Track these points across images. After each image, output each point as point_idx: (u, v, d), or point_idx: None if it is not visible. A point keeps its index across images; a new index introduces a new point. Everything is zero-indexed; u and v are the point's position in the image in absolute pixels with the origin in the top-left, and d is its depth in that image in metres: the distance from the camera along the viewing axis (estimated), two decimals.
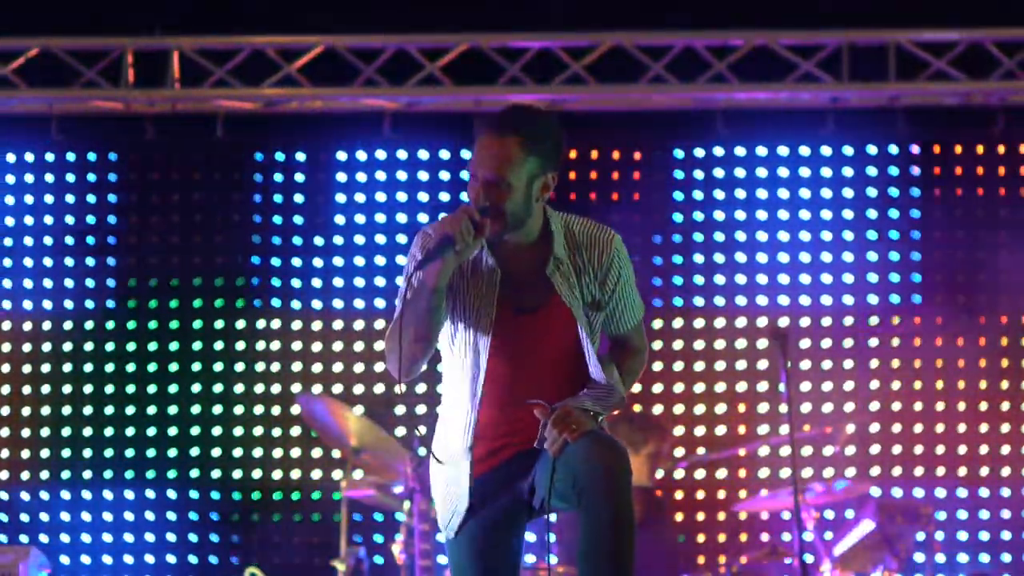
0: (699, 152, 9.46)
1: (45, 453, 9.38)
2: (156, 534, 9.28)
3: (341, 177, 9.50)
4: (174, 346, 9.43)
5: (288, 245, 9.46)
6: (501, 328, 4.29)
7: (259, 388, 9.39)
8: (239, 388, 9.39)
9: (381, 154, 9.50)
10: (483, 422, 4.34)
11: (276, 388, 9.37)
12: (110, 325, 9.43)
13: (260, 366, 9.40)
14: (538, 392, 4.29)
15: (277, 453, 9.35)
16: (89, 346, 9.42)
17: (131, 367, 9.40)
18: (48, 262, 9.46)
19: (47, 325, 9.44)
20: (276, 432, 9.36)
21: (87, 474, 9.35)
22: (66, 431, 9.37)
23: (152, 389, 9.39)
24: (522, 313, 4.30)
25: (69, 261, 9.45)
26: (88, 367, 9.41)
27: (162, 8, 9.28)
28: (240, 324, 9.43)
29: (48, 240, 9.48)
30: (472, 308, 4.30)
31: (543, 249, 4.33)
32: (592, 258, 4.35)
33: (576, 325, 4.32)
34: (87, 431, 9.37)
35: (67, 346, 9.43)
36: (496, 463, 4.36)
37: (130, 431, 9.37)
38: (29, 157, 9.51)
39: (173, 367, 9.40)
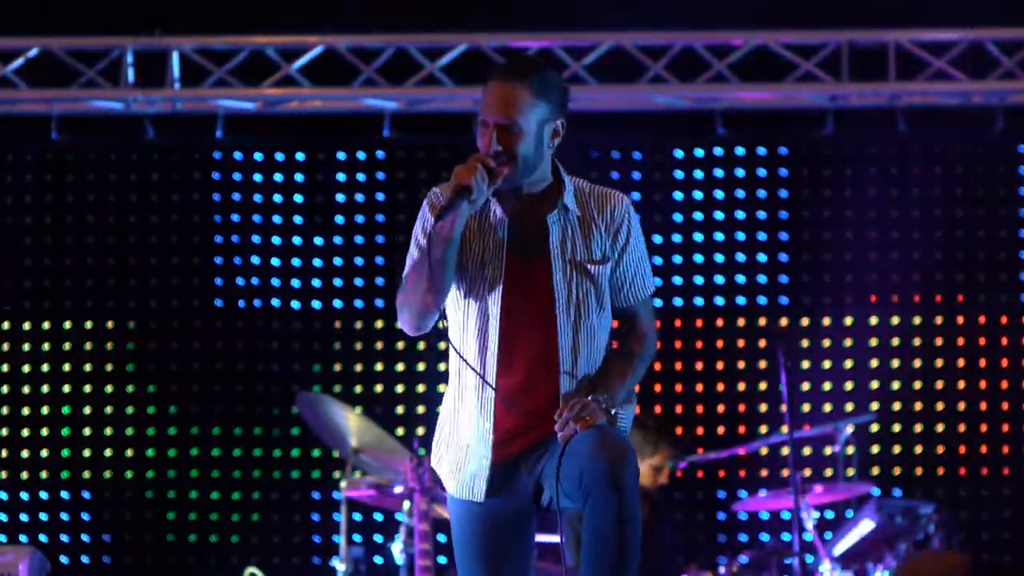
0: (699, 152, 9.47)
1: (44, 453, 9.38)
2: (155, 534, 9.28)
3: (341, 177, 9.51)
4: (173, 345, 9.43)
5: (288, 245, 9.46)
6: (511, 279, 4.29)
7: (259, 388, 9.39)
8: (239, 387, 9.39)
9: (381, 154, 9.50)
10: (500, 377, 4.29)
11: (275, 388, 9.37)
12: (109, 325, 9.43)
13: (260, 366, 9.40)
14: (552, 349, 4.28)
15: (277, 453, 9.35)
16: (88, 346, 9.42)
17: (130, 367, 9.41)
18: (47, 262, 9.46)
19: (46, 325, 9.44)
20: (276, 432, 9.36)
21: (86, 474, 9.35)
22: (65, 431, 9.37)
23: (151, 389, 9.39)
24: (523, 261, 4.30)
25: (68, 261, 9.45)
26: (87, 367, 9.41)
27: (162, 8, 9.28)
28: (240, 323, 9.43)
29: (48, 240, 9.48)
30: (481, 259, 4.31)
31: (552, 200, 4.35)
32: (604, 212, 4.37)
33: (567, 279, 4.31)
34: (86, 431, 9.37)
35: (66, 346, 9.43)
36: (507, 455, 4.34)
37: (129, 431, 9.37)
38: (29, 157, 9.51)
39: (172, 367, 9.40)
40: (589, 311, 4.33)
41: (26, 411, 9.41)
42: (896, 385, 9.31)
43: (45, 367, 9.43)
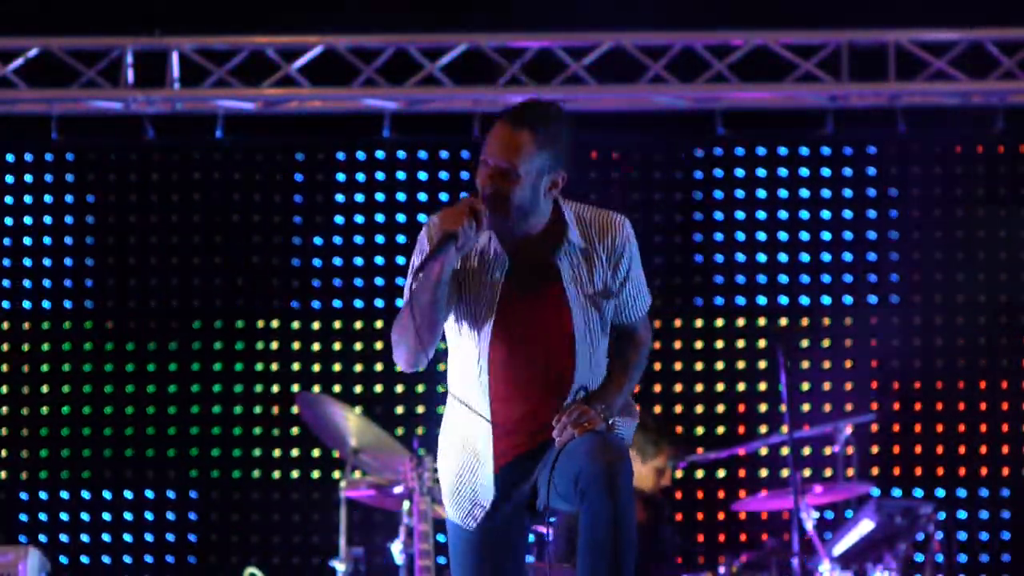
0: (699, 152, 9.46)
1: (44, 453, 9.37)
2: (155, 534, 9.28)
3: (340, 177, 9.51)
4: (173, 346, 9.43)
5: (287, 245, 9.46)
6: (505, 314, 4.30)
7: (258, 388, 9.39)
8: (238, 388, 9.39)
9: (381, 154, 9.50)
10: (496, 409, 4.32)
11: (275, 388, 9.37)
12: (109, 325, 9.43)
13: (259, 366, 9.40)
14: (547, 379, 4.30)
15: (276, 453, 9.35)
16: (88, 346, 9.42)
17: (130, 367, 9.40)
18: (47, 262, 9.46)
19: (46, 325, 9.44)
20: (275, 432, 9.35)
21: (86, 474, 9.35)
22: (65, 431, 9.37)
23: (151, 389, 9.39)
24: (528, 298, 4.31)
25: (68, 261, 9.45)
26: (87, 367, 9.41)
27: (162, 8, 9.28)
28: (239, 324, 9.43)
29: (47, 240, 9.48)
30: (478, 295, 4.32)
31: (553, 236, 4.34)
32: (605, 242, 4.38)
33: (583, 313, 4.32)
34: (86, 431, 9.37)
35: (66, 346, 9.42)
36: (505, 463, 4.35)
37: (129, 431, 9.36)
38: (28, 157, 9.51)
39: (172, 367, 9.40)
40: (597, 339, 4.36)
41: (26, 411, 9.41)
42: (896, 385, 9.31)
43: (45, 367, 9.43)
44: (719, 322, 9.41)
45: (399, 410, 9.32)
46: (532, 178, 4.26)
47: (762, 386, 9.28)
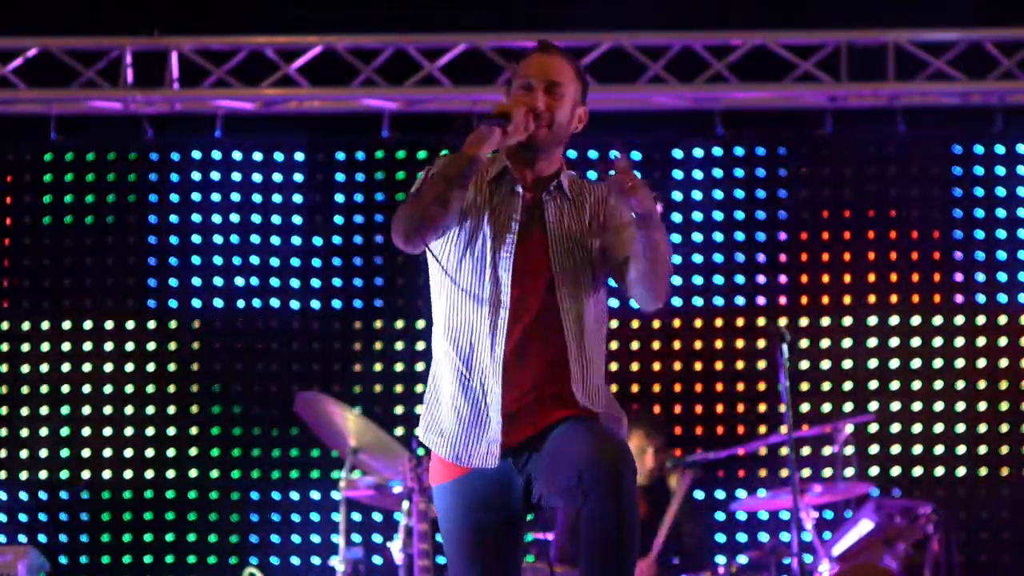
0: (698, 152, 9.46)
1: (44, 453, 9.37)
2: (154, 533, 9.28)
3: (340, 177, 9.51)
4: (172, 346, 9.43)
5: (287, 245, 9.46)
6: (521, 248, 4.37)
7: (258, 388, 9.39)
8: (237, 388, 9.39)
9: (380, 154, 9.50)
10: (505, 350, 4.33)
11: (275, 388, 9.37)
12: (109, 325, 9.43)
13: (259, 365, 9.40)
14: (554, 322, 4.34)
15: (276, 453, 9.35)
16: (88, 346, 9.42)
17: (129, 367, 9.40)
18: (46, 262, 9.46)
19: (45, 325, 9.44)
20: (275, 432, 9.35)
21: (85, 474, 9.35)
22: (64, 431, 9.37)
23: (151, 389, 9.39)
24: (531, 236, 4.39)
25: (67, 260, 9.45)
26: (86, 367, 9.41)
27: (161, 8, 9.28)
28: (239, 323, 9.43)
29: (47, 240, 9.48)
30: (493, 226, 4.37)
31: (549, 181, 4.47)
32: (593, 192, 4.51)
33: (564, 248, 4.38)
34: (85, 431, 9.37)
35: (65, 346, 9.42)
36: (511, 438, 4.34)
37: (128, 431, 9.36)
38: (28, 157, 9.51)
39: (172, 367, 9.40)
40: (586, 285, 4.39)
41: (25, 411, 9.41)
42: (895, 385, 9.31)
43: (44, 367, 9.42)
44: (719, 322, 9.41)
45: (399, 410, 9.32)
46: (571, 101, 4.41)
47: (762, 386, 9.28)
